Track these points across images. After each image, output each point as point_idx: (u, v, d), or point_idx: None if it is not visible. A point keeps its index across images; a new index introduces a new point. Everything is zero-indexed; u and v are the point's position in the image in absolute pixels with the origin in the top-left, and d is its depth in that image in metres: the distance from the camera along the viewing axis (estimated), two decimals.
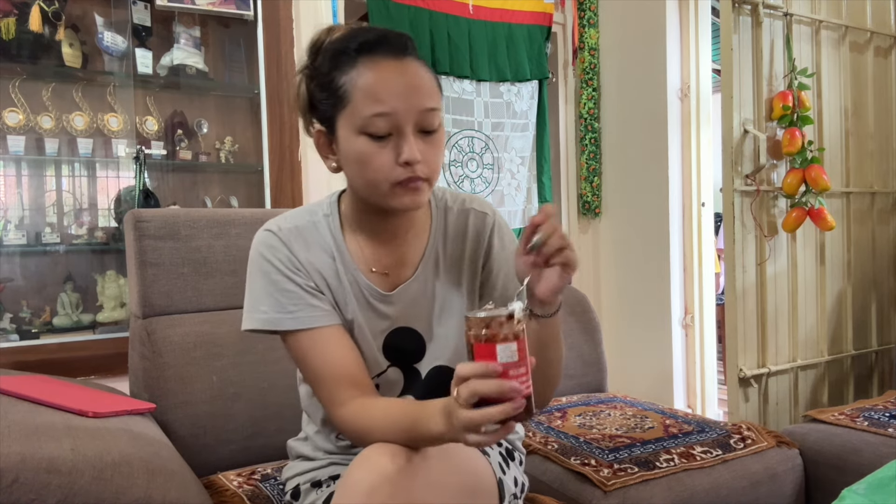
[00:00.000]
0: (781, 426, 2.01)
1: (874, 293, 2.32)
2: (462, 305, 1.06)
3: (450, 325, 1.06)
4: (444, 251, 1.06)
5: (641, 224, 2.95)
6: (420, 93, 0.91)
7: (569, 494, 1.34)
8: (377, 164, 0.91)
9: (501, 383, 0.74)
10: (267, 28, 2.43)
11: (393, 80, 0.90)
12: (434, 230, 1.06)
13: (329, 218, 1.03)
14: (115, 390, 1.46)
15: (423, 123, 0.92)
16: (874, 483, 1.07)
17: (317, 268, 1.00)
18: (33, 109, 2.27)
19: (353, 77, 0.90)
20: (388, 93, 0.89)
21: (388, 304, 1.03)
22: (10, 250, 2.25)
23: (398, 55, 0.92)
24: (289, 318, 0.97)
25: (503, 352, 0.75)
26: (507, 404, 0.74)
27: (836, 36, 2.21)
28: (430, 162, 0.93)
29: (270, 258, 0.98)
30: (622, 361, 2.91)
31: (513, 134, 2.98)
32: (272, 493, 1.22)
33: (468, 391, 0.74)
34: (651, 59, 2.86)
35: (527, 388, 0.76)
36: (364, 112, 0.89)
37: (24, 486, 0.81)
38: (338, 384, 0.95)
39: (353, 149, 0.92)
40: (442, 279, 1.05)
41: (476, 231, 1.06)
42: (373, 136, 0.90)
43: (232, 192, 2.60)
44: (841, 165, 2.22)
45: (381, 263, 1.03)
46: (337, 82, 0.92)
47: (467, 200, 1.08)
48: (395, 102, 0.89)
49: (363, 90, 0.89)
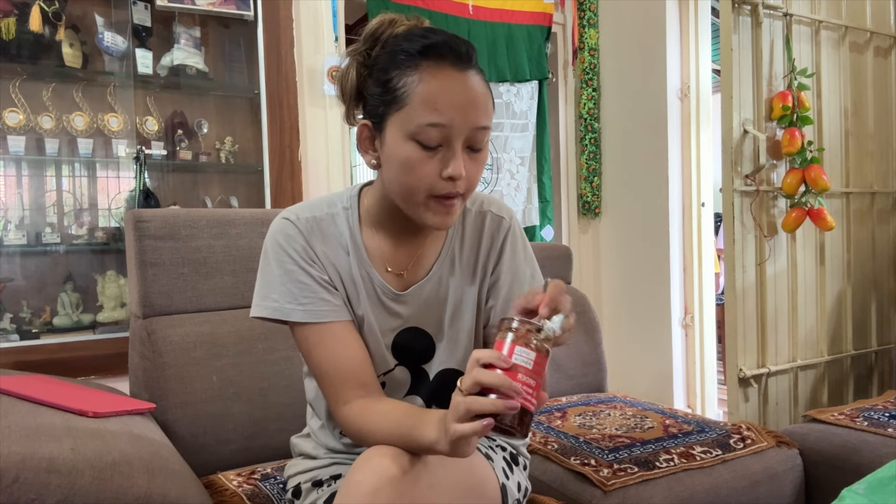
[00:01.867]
0: (781, 426, 2.01)
1: (874, 293, 2.32)
2: (473, 308, 1.05)
3: (461, 328, 1.05)
4: (460, 253, 1.05)
5: (641, 224, 2.95)
6: (477, 110, 0.89)
7: (569, 494, 1.34)
8: (421, 172, 0.89)
9: (504, 377, 0.73)
10: (267, 28, 2.43)
11: (454, 91, 0.88)
12: (451, 232, 1.05)
13: (348, 212, 1.02)
14: (116, 390, 1.46)
15: (473, 140, 0.90)
16: (874, 483, 1.07)
17: (332, 261, 0.99)
18: (34, 109, 2.27)
19: (415, 80, 0.88)
20: (447, 104, 0.87)
21: (400, 303, 1.02)
22: (10, 250, 2.25)
23: (462, 66, 0.89)
24: (300, 309, 0.96)
25: (520, 354, 0.75)
26: (497, 400, 0.73)
27: (836, 36, 2.21)
28: (471, 179, 0.92)
29: (286, 247, 0.97)
30: (622, 361, 2.91)
31: (512, 134, 2.98)
32: (272, 492, 1.22)
33: (471, 379, 0.75)
34: (651, 59, 2.86)
35: (529, 400, 0.75)
36: (419, 119, 0.87)
37: (24, 485, 0.81)
38: (343, 382, 0.95)
39: (399, 152, 0.90)
40: (456, 281, 1.04)
41: (491, 234, 1.05)
42: (423, 144, 0.88)
43: (232, 192, 2.60)
44: (841, 165, 2.22)
45: (398, 264, 1.02)
46: (396, 82, 0.89)
47: (486, 202, 1.07)
48: (451, 115, 0.87)
49: (422, 96, 0.87)
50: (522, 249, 1.07)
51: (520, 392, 0.74)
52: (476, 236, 1.05)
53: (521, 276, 1.05)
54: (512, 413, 0.74)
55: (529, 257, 1.08)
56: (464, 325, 1.05)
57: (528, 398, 0.75)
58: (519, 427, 0.75)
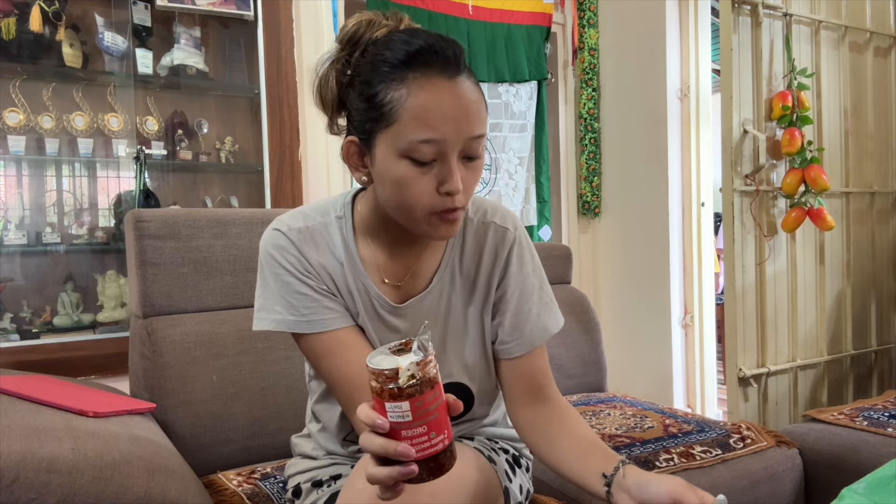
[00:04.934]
0: (781, 426, 2.01)
1: (873, 293, 2.32)
2: (477, 322, 1.01)
3: (463, 343, 1.01)
4: (461, 265, 1.00)
5: (641, 224, 2.95)
6: (471, 120, 0.84)
7: (569, 494, 1.34)
8: (417, 190, 0.84)
9: (386, 444, 0.67)
10: (267, 28, 2.43)
11: (445, 104, 0.82)
12: (452, 243, 1.00)
13: (342, 221, 0.97)
14: (116, 390, 1.46)
15: (469, 150, 0.85)
16: (874, 482, 1.07)
17: (328, 271, 0.95)
18: (34, 109, 2.27)
19: (403, 95, 0.82)
20: (440, 119, 0.82)
21: (398, 316, 0.98)
22: (10, 250, 2.25)
23: (451, 73, 0.83)
24: (303, 321, 0.93)
25: (393, 410, 0.67)
26: (392, 468, 0.68)
27: (836, 36, 2.21)
28: (469, 190, 0.88)
29: (280, 259, 0.94)
30: (622, 361, 2.91)
31: (511, 134, 2.98)
32: (272, 492, 1.22)
33: (361, 441, 0.70)
34: (651, 59, 2.86)
35: (429, 448, 0.68)
36: (411, 136, 0.82)
37: (24, 485, 0.81)
38: (355, 389, 0.91)
39: (392, 171, 0.85)
40: (457, 294, 1.00)
41: (494, 247, 1.00)
42: (416, 160, 0.83)
43: (232, 192, 2.60)
44: (840, 165, 2.22)
45: (394, 275, 0.98)
46: (382, 97, 0.83)
47: (489, 212, 1.01)
48: (444, 129, 0.82)
49: (412, 112, 0.81)
50: (530, 261, 1.02)
51: (408, 453, 0.67)
52: (478, 249, 1.00)
53: (530, 289, 1.01)
54: (413, 475, 0.68)
55: (538, 268, 1.03)
56: (468, 341, 1.01)
57: (427, 446, 0.68)
58: (437, 472, 0.70)
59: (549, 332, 1.01)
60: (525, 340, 1.00)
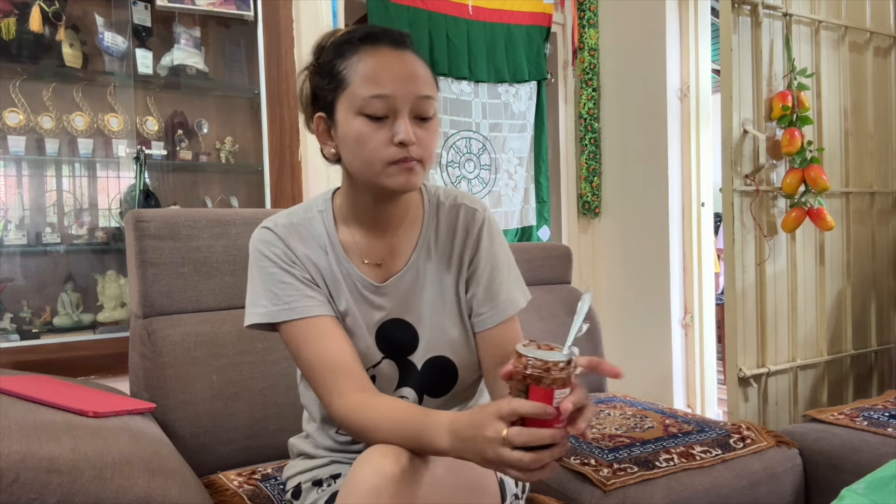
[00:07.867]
0: (781, 426, 2.01)
1: (873, 293, 2.32)
2: (453, 296, 1.07)
3: (442, 317, 1.07)
4: (436, 243, 1.08)
5: (641, 224, 2.95)
6: (417, 81, 0.95)
7: (569, 494, 1.34)
8: (373, 143, 0.94)
9: (555, 432, 0.76)
10: (267, 28, 2.43)
11: (392, 66, 0.94)
12: (426, 223, 1.08)
13: (323, 213, 1.06)
14: (116, 390, 1.46)
15: (419, 110, 0.95)
16: (874, 482, 1.07)
17: (313, 261, 1.02)
18: (34, 109, 2.27)
19: (354, 62, 0.95)
20: (387, 77, 0.93)
21: (380, 294, 1.05)
22: (10, 250, 2.25)
23: (398, 47, 0.96)
24: (285, 308, 0.99)
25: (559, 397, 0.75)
26: (555, 449, 0.76)
27: (836, 36, 2.21)
28: (425, 145, 0.96)
29: (266, 253, 1.01)
30: (622, 361, 2.88)
31: (510, 135, 2.98)
32: (272, 492, 1.22)
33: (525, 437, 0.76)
34: (651, 59, 2.86)
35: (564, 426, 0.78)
36: (363, 93, 0.93)
37: (24, 485, 0.81)
38: (334, 374, 0.96)
39: (351, 129, 0.95)
40: (433, 271, 1.07)
41: (466, 225, 1.08)
42: (370, 116, 0.93)
43: (232, 192, 2.60)
44: (840, 165, 2.22)
45: (374, 254, 1.05)
46: (338, 68, 0.96)
47: (459, 196, 1.10)
48: (393, 86, 0.93)
49: (363, 73, 0.94)
50: (500, 240, 1.10)
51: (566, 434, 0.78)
52: (451, 227, 1.08)
53: (500, 265, 1.08)
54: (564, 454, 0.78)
55: (505, 248, 1.11)
56: (447, 314, 1.07)
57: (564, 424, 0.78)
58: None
59: (519, 305, 1.09)
60: (498, 311, 1.07)
